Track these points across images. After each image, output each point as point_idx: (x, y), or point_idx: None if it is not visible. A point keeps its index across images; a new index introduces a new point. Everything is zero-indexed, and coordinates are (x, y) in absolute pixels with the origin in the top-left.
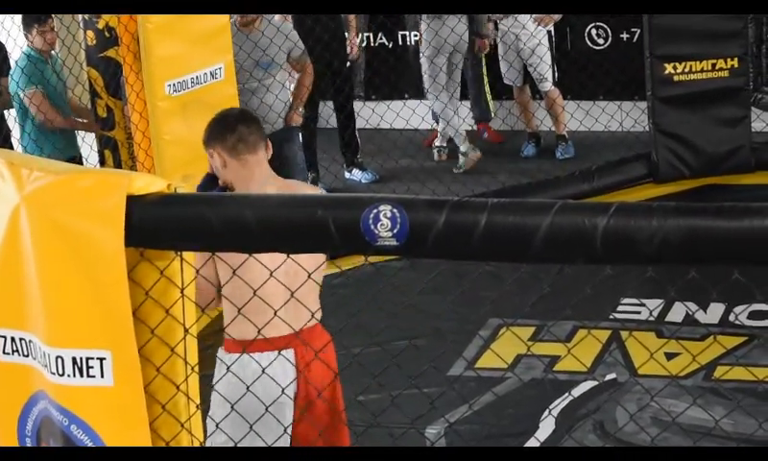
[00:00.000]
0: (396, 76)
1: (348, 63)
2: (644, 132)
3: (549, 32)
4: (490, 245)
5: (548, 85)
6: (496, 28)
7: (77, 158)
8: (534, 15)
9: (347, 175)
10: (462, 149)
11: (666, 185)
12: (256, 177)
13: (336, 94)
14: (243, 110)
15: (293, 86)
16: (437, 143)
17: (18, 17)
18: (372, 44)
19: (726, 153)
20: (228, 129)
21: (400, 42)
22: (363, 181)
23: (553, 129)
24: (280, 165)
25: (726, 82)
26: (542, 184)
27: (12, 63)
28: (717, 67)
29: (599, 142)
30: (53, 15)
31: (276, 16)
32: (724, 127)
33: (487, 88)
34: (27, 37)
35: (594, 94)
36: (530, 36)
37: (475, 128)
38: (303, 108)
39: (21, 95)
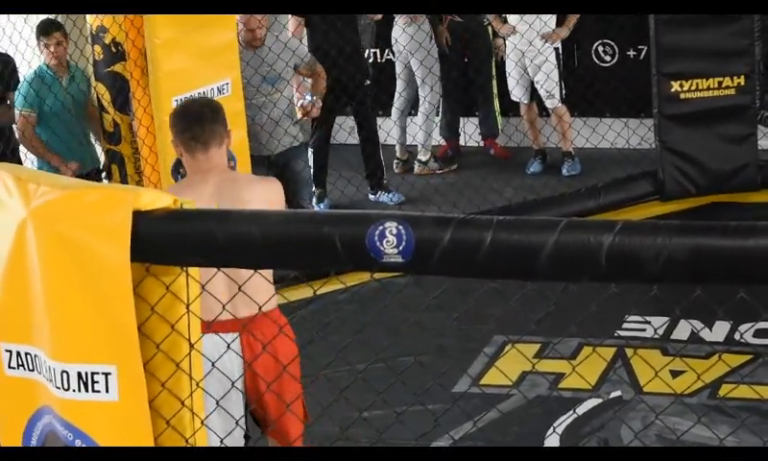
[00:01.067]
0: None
1: (368, 82)
2: (651, 149)
3: (557, 49)
4: (495, 262)
5: (555, 102)
6: (504, 44)
7: (91, 175)
8: (541, 32)
9: (372, 197)
10: (423, 158)
11: (672, 203)
12: (203, 169)
13: (360, 115)
14: (204, 105)
15: (300, 102)
16: (421, 157)
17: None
18: (379, 60)
19: (732, 171)
20: (185, 126)
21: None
22: (390, 203)
23: (560, 145)
24: (287, 180)
25: (732, 99)
26: (548, 201)
27: (22, 77)
28: (724, 85)
29: (605, 159)
30: (60, 28)
31: (290, 24)
32: (730, 145)
33: (496, 105)
34: (39, 51)
35: (601, 111)
36: (537, 53)
37: (482, 144)
38: (319, 127)
39: (17, 111)
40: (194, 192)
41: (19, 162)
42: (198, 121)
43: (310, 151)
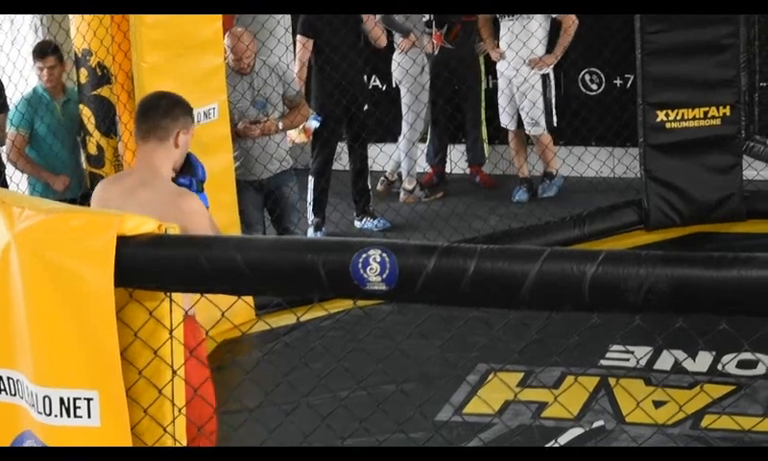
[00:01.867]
0: (390, 119)
1: (366, 107)
2: (636, 178)
3: (546, 76)
4: (478, 291)
5: (539, 130)
6: (495, 74)
7: (78, 199)
8: (528, 59)
9: (357, 224)
10: (408, 186)
11: (657, 233)
12: (140, 164)
13: (353, 141)
14: (161, 97)
15: (303, 125)
16: (406, 185)
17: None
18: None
19: (717, 201)
20: (136, 116)
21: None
22: (375, 229)
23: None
24: (274, 203)
25: (718, 130)
26: (533, 230)
27: (17, 97)
28: (709, 115)
29: (591, 188)
30: (56, 52)
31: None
32: (715, 175)
33: (484, 132)
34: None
35: (587, 140)
36: (523, 80)
37: (467, 171)
38: (321, 152)
39: (9, 130)
40: (113, 187)
41: (4, 185)
42: (145, 112)
43: (311, 178)
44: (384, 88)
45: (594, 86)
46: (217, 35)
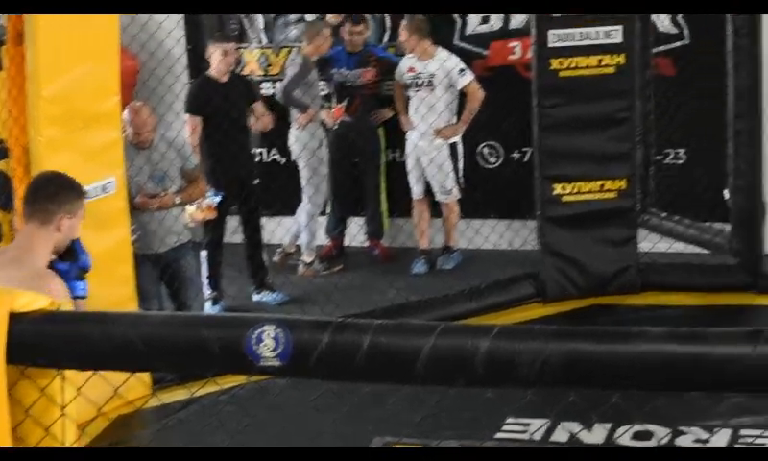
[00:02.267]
0: (288, 193)
1: (257, 180)
2: (533, 250)
3: (454, 144)
4: (373, 366)
5: (445, 198)
6: (396, 146)
7: None
8: (436, 127)
9: (255, 297)
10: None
11: (554, 305)
12: (18, 242)
13: (248, 214)
14: (51, 180)
15: (203, 202)
16: (305, 258)
17: None
18: (265, 160)
19: (613, 273)
20: (25, 193)
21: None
22: (273, 303)
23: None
24: (171, 277)
25: (613, 203)
26: (431, 303)
27: None
28: (605, 188)
29: (488, 260)
30: None
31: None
32: (611, 247)
33: (383, 204)
34: None
35: (485, 213)
36: (428, 149)
37: (366, 244)
38: (213, 229)
39: None
40: None
41: None
42: (33, 192)
43: (204, 252)
44: (283, 162)
45: (493, 159)
46: (115, 108)
